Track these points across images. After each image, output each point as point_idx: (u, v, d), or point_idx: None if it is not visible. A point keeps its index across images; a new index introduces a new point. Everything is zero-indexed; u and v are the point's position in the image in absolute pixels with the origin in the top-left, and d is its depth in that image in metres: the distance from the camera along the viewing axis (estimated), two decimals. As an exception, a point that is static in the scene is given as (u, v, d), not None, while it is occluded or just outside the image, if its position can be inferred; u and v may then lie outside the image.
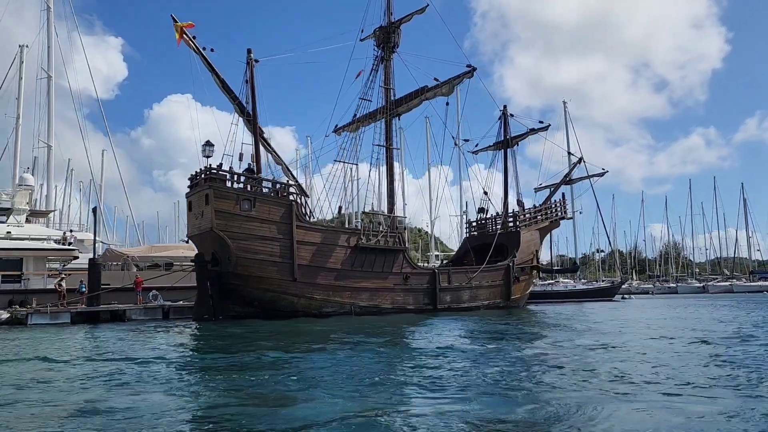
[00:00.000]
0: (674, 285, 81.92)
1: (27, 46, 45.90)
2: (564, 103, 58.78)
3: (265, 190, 26.67)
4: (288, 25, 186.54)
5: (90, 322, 25.87)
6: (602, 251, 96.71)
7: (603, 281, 69.95)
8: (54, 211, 44.77)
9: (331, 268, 26.83)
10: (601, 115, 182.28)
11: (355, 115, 32.52)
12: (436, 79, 30.68)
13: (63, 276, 27.95)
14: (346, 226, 34.64)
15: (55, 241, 35.90)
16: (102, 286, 28.45)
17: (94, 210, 29.15)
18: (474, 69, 29.99)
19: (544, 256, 68.45)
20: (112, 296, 29.01)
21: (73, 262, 33.93)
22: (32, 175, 42.37)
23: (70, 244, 35.01)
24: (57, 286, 26.72)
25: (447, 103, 31.25)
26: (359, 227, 29.45)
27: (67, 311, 25.87)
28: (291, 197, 26.70)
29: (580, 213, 58.80)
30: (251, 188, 26.17)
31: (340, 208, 28.56)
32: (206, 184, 25.17)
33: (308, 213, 27.44)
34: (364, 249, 27.68)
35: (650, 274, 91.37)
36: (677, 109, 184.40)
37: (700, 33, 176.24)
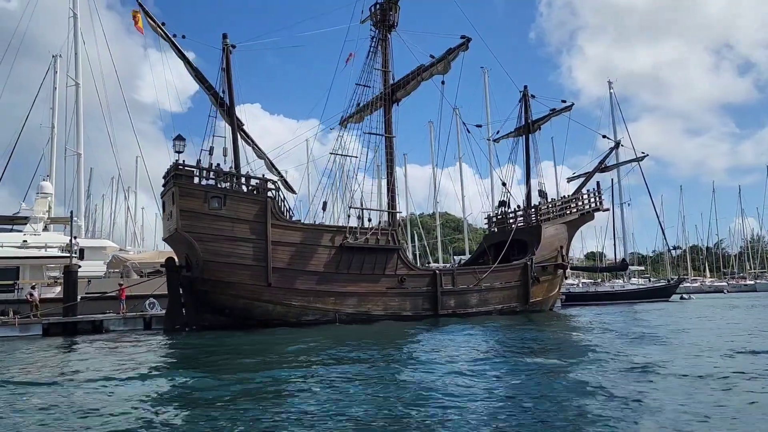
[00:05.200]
0: (752, 282, 73.84)
1: (60, 56, 46.22)
2: (609, 83, 53.11)
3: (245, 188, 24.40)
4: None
5: (66, 333, 24.31)
6: (678, 247, 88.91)
7: (672, 279, 63.39)
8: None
9: (312, 271, 24.01)
10: (679, 103, 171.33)
11: (358, 104, 29.73)
12: (432, 56, 27.36)
13: (34, 285, 26.64)
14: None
15: (60, 249, 35.17)
16: (87, 295, 27.12)
17: (71, 214, 27.76)
18: (469, 40, 26.31)
19: (608, 254, 62.60)
20: (105, 305, 27.60)
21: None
22: (51, 183, 42.33)
23: (73, 251, 34.06)
24: (28, 296, 25.38)
25: (443, 82, 27.61)
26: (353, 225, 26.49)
27: (38, 323, 24.45)
28: (270, 193, 24.22)
29: (628, 204, 53.39)
30: (229, 185, 23.94)
31: (324, 203, 25.73)
32: (173, 182, 23.10)
33: (287, 210, 24.82)
34: (351, 249, 24.70)
35: (724, 272, 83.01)
36: (764, 92, 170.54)
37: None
